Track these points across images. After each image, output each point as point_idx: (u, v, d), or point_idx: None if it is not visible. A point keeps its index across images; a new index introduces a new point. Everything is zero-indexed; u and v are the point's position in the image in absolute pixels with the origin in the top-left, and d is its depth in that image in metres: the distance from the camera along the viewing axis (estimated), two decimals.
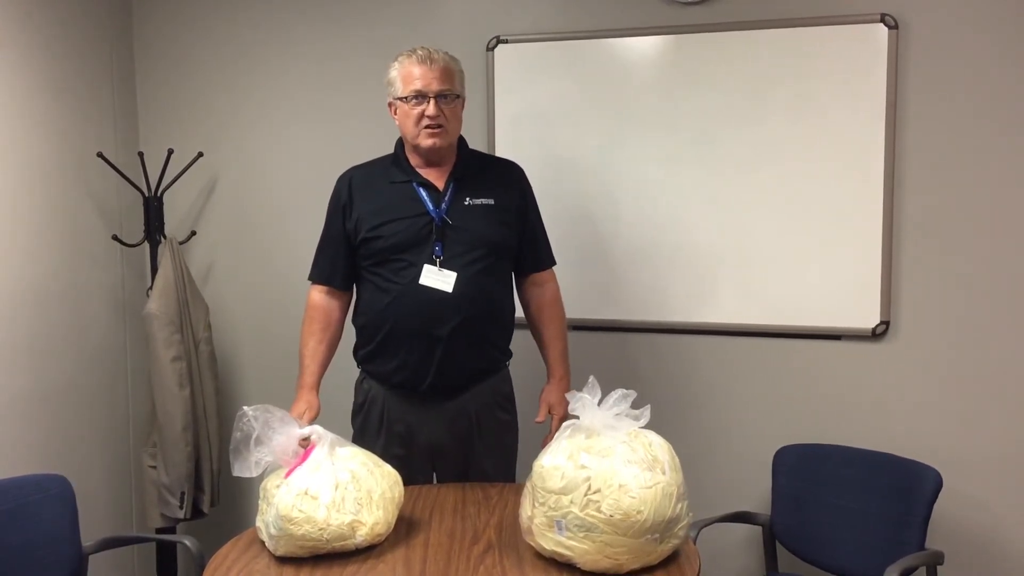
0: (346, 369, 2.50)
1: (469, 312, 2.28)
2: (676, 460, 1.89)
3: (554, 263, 2.51)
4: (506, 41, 2.86)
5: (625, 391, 1.92)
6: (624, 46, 2.78)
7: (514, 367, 2.51)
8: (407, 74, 2.28)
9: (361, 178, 2.42)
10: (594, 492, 1.76)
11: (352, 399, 2.48)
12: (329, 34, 3.02)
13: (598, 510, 1.75)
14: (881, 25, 2.58)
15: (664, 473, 1.81)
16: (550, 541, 1.82)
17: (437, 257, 2.28)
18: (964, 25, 2.55)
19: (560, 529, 1.79)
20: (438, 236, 2.29)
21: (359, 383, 2.47)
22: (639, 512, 1.75)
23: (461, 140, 2.41)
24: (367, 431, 2.42)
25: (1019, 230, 2.56)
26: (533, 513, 1.85)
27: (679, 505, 1.82)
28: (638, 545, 1.77)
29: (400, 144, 2.41)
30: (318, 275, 2.47)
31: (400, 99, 2.30)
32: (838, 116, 2.64)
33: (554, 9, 2.84)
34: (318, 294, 2.46)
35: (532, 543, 1.88)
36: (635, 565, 1.79)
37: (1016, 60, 2.52)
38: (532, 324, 2.50)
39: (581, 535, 1.77)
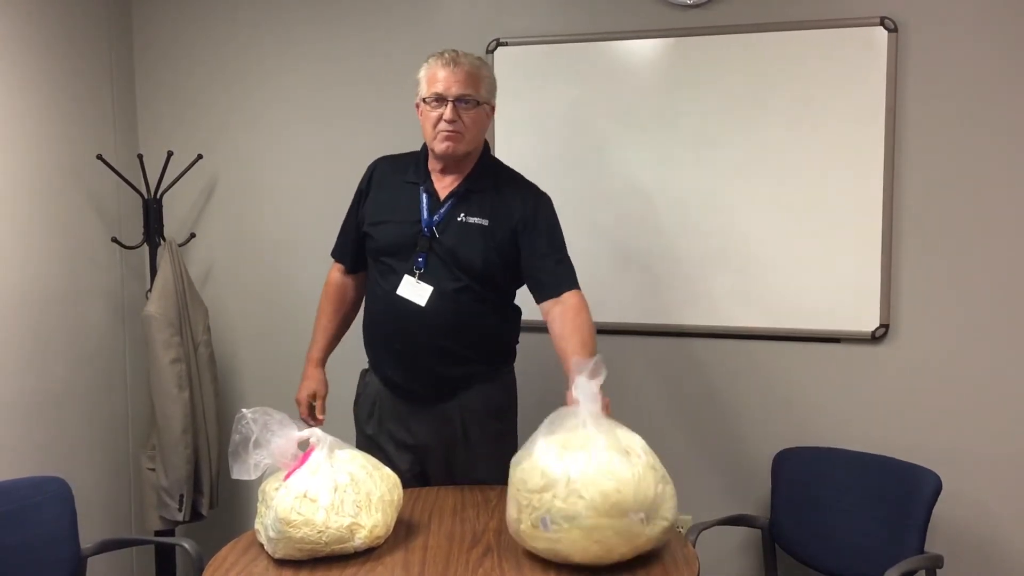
0: (351, 364, 2.51)
1: (439, 330, 2.25)
2: (649, 449, 1.90)
3: (569, 288, 2.25)
4: (506, 43, 2.86)
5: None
6: (624, 49, 2.78)
7: (517, 373, 2.49)
8: (431, 76, 2.25)
9: (383, 169, 2.42)
10: (574, 482, 1.77)
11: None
12: (328, 36, 3.02)
13: (579, 496, 1.76)
14: (881, 28, 2.58)
15: (640, 456, 1.83)
16: (540, 540, 1.82)
17: (418, 269, 2.26)
18: (964, 28, 2.55)
19: (546, 526, 1.79)
20: (423, 247, 2.27)
21: (363, 373, 2.48)
22: (618, 491, 1.75)
23: (486, 152, 2.37)
24: (361, 421, 2.45)
25: (1018, 233, 2.56)
26: (520, 516, 1.85)
27: (660, 486, 1.82)
28: (624, 526, 1.77)
29: (425, 145, 2.38)
30: (336, 252, 2.51)
31: (423, 100, 2.27)
32: (838, 119, 2.64)
33: (554, 11, 2.84)
34: (335, 271, 2.52)
35: (525, 547, 1.88)
36: (626, 549, 1.79)
37: (1015, 63, 2.52)
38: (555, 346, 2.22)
39: (567, 526, 1.77)
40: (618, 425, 1.91)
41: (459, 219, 2.27)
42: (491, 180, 2.33)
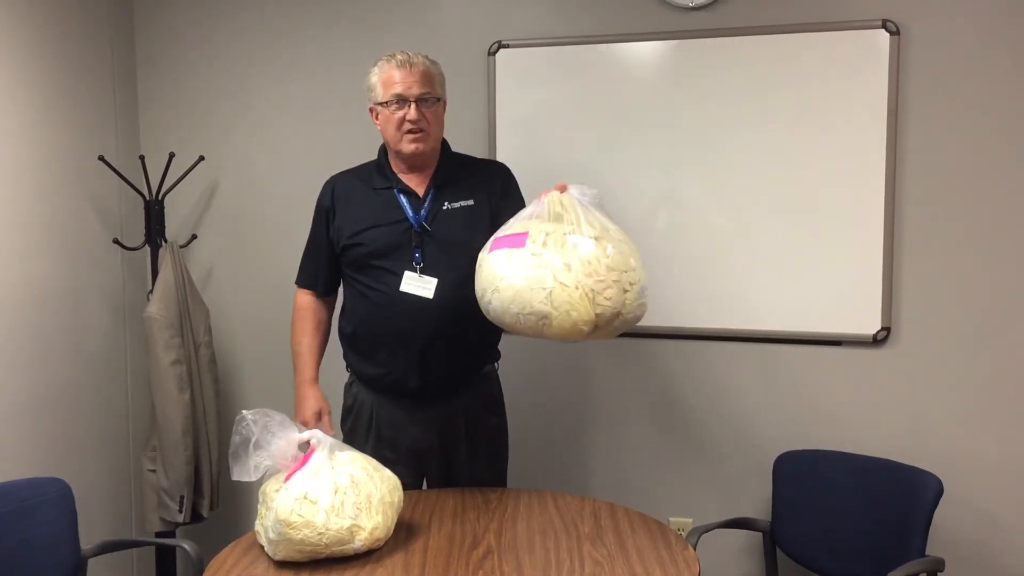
0: (336, 372, 2.51)
1: (452, 317, 2.26)
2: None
3: None
4: (507, 46, 2.86)
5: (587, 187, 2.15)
6: (625, 51, 2.78)
7: (503, 370, 2.51)
8: (387, 78, 2.28)
9: (344, 184, 2.43)
10: (635, 252, 2.09)
11: (341, 402, 2.49)
12: (330, 39, 3.02)
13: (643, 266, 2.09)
14: (883, 31, 2.58)
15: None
16: (637, 308, 2.03)
17: (417, 264, 2.28)
18: (965, 31, 2.55)
19: (643, 294, 2.06)
20: (417, 243, 2.28)
21: (348, 386, 2.47)
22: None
23: (444, 144, 2.41)
24: (356, 434, 2.43)
25: (1020, 237, 2.56)
26: (629, 292, 2.01)
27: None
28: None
29: (383, 150, 2.41)
30: (303, 279, 2.51)
31: (381, 104, 2.30)
32: (839, 122, 2.64)
33: (555, 14, 2.84)
34: (304, 297, 2.50)
35: (624, 320, 2.02)
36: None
37: (1017, 66, 2.52)
38: None
39: (640, 290, 2.04)
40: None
41: (445, 207, 2.32)
42: (460, 167, 2.40)
